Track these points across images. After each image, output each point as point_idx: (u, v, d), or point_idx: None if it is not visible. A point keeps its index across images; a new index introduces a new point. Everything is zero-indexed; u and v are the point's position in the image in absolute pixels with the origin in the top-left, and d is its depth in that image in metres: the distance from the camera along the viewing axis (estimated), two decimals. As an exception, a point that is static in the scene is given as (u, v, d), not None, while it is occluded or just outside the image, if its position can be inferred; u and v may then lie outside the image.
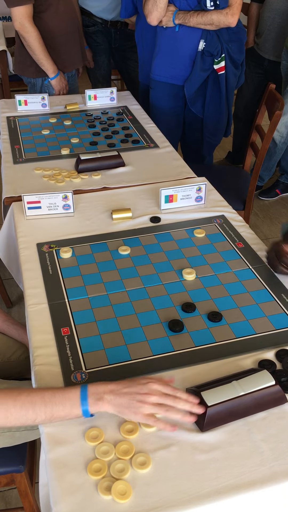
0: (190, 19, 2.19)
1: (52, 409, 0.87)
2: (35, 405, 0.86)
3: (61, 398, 0.87)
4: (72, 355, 1.08)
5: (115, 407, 0.88)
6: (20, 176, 1.81)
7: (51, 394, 0.88)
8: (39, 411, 0.86)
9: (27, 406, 0.86)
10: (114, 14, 2.93)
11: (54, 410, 0.87)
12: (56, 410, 0.87)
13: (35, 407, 0.86)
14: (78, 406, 0.87)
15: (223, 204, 1.64)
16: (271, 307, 1.21)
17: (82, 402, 0.87)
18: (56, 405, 0.87)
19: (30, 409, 0.86)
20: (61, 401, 0.87)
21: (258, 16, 3.12)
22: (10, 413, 0.86)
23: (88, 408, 0.88)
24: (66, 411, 0.87)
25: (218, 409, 0.91)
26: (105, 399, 0.88)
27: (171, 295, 1.25)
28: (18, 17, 2.27)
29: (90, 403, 0.88)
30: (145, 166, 1.88)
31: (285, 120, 2.93)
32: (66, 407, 0.87)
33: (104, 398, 0.88)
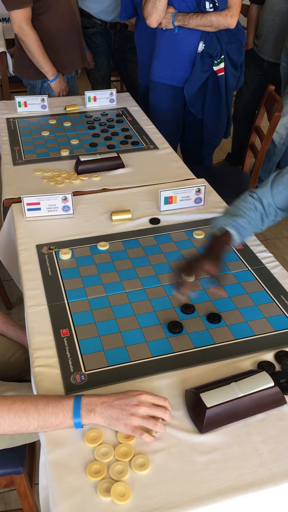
0: (190, 21, 2.19)
1: (45, 418, 0.88)
2: (29, 413, 0.87)
3: (54, 408, 0.89)
4: (72, 356, 1.08)
5: (106, 419, 0.90)
6: (20, 178, 1.81)
7: (45, 403, 0.89)
8: (32, 420, 0.88)
9: (20, 414, 0.87)
10: (113, 16, 2.93)
11: (47, 419, 0.88)
12: (49, 419, 0.88)
13: (28, 416, 0.87)
14: (71, 418, 0.89)
15: (222, 206, 1.64)
16: (270, 309, 1.21)
17: (75, 413, 0.89)
18: (49, 415, 0.88)
19: (23, 417, 0.87)
20: (54, 411, 0.89)
21: (257, 18, 3.13)
22: (4, 420, 0.87)
23: (80, 420, 0.90)
24: (58, 420, 0.89)
25: (217, 411, 0.91)
26: (96, 411, 0.90)
27: (170, 297, 1.25)
28: (17, 20, 2.27)
29: (82, 415, 0.90)
30: (145, 168, 1.88)
31: (285, 121, 2.93)
32: (59, 417, 0.89)
33: (95, 410, 0.90)
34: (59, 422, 0.89)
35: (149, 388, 1.01)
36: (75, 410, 0.89)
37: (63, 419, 0.89)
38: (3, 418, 0.87)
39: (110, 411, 0.90)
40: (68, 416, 0.89)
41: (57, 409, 0.89)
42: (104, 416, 0.90)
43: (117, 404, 0.90)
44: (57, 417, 0.89)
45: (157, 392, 1.00)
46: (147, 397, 0.92)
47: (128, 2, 2.60)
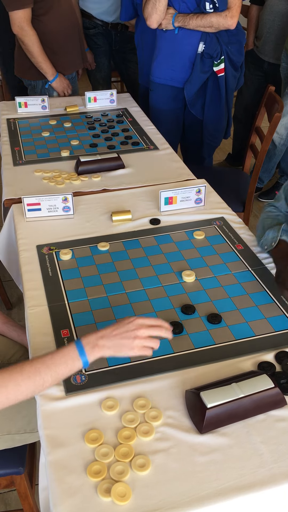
0: (190, 22, 2.20)
1: (56, 370, 0.92)
2: (40, 371, 0.91)
3: (61, 358, 0.93)
4: (72, 357, 1.08)
5: (111, 349, 0.95)
6: (20, 178, 1.81)
7: (50, 358, 0.93)
8: (45, 376, 0.91)
9: (34, 375, 0.90)
10: (114, 17, 2.94)
11: (58, 370, 0.92)
12: (60, 369, 0.92)
13: (41, 373, 0.91)
14: (78, 359, 0.93)
15: (222, 206, 1.64)
16: (271, 309, 1.21)
17: (81, 353, 0.93)
18: (58, 365, 0.92)
19: (37, 376, 0.90)
20: (61, 360, 0.93)
21: (257, 19, 3.13)
22: (21, 386, 0.90)
23: (87, 358, 0.94)
24: (68, 367, 0.93)
25: (217, 411, 0.91)
26: (99, 345, 0.95)
27: (170, 297, 1.25)
28: (17, 21, 2.27)
29: (87, 353, 0.94)
30: (145, 168, 1.88)
31: (285, 122, 2.94)
32: (68, 363, 0.93)
33: (98, 345, 0.95)
34: (69, 369, 0.93)
35: (150, 388, 1.01)
36: (79, 351, 0.93)
37: (72, 365, 0.93)
38: (19, 384, 0.89)
39: (113, 341, 0.95)
40: (76, 358, 0.93)
41: (63, 358, 0.93)
42: (108, 347, 0.95)
43: (117, 333, 0.96)
44: (66, 365, 0.93)
45: (157, 393, 1.00)
46: (142, 321, 0.98)
47: (128, 3, 2.60)
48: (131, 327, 0.96)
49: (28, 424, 1.21)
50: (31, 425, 1.21)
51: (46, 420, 0.95)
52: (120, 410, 0.97)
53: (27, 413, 1.22)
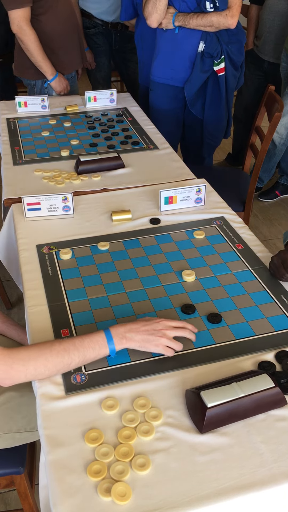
0: (190, 21, 2.20)
1: (84, 352, 0.98)
2: (69, 351, 0.97)
3: (89, 342, 0.99)
4: (72, 356, 1.08)
5: (138, 342, 1.02)
6: (20, 178, 1.81)
7: (80, 341, 0.99)
8: (73, 356, 0.97)
9: (62, 354, 0.96)
10: (114, 16, 2.94)
11: (86, 353, 0.98)
12: (87, 352, 0.98)
13: (70, 353, 0.97)
14: (106, 346, 1.00)
15: (222, 206, 1.64)
16: (271, 309, 1.21)
17: (109, 342, 1.00)
18: (87, 349, 0.98)
19: (65, 355, 0.96)
20: (90, 345, 0.99)
21: (257, 18, 3.13)
22: (49, 361, 0.95)
23: (115, 346, 1.01)
24: (96, 352, 0.99)
25: (217, 411, 0.91)
26: (127, 337, 1.02)
27: (170, 297, 1.25)
28: (16, 20, 2.27)
29: (116, 343, 1.01)
30: (145, 168, 1.88)
31: (285, 121, 2.94)
32: (95, 349, 0.99)
33: (126, 337, 1.01)
34: (96, 354, 0.99)
35: (150, 388, 1.01)
36: (108, 339, 1.00)
37: (99, 350, 0.99)
38: (47, 359, 0.95)
39: (141, 335, 1.02)
40: (104, 345, 1.00)
41: (92, 343, 0.99)
42: (135, 340, 1.02)
43: (145, 329, 1.03)
44: (94, 350, 0.99)
45: (158, 392, 1.00)
46: (169, 323, 1.06)
47: (128, 3, 2.60)
48: (158, 326, 1.04)
49: (28, 423, 1.21)
50: (31, 424, 1.21)
51: (46, 419, 0.95)
52: (120, 410, 0.97)
53: (27, 412, 1.22)
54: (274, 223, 3.12)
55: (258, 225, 3.09)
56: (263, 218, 3.17)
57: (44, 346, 0.96)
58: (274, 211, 3.25)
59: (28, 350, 0.96)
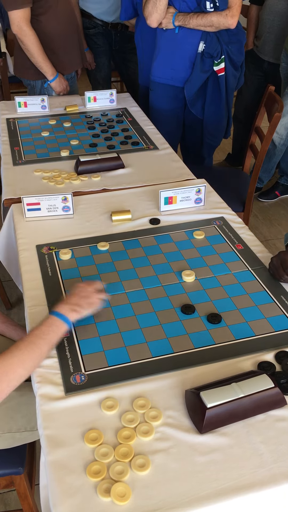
0: (190, 21, 2.20)
1: (48, 338, 1.03)
2: (35, 343, 1.01)
3: (47, 328, 1.05)
4: (72, 356, 1.08)
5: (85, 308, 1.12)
6: (20, 178, 1.81)
7: (38, 330, 1.04)
8: (40, 346, 1.01)
9: (31, 348, 1.00)
10: (114, 16, 2.94)
11: (49, 337, 1.03)
12: (51, 337, 1.04)
13: (37, 344, 1.01)
14: (62, 323, 1.07)
15: (222, 206, 1.64)
16: (271, 309, 1.21)
17: (62, 319, 1.07)
18: (48, 334, 1.04)
19: (34, 348, 1.00)
20: (49, 330, 1.04)
21: (257, 18, 3.13)
22: (24, 360, 0.98)
23: (69, 320, 1.08)
24: (57, 332, 1.05)
25: (217, 411, 0.91)
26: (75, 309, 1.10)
27: (170, 297, 1.25)
28: (16, 21, 2.27)
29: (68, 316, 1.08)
30: (145, 168, 1.88)
31: (285, 121, 2.94)
32: (55, 330, 1.05)
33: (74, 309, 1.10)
34: (58, 334, 1.05)
35: (149, 388, 1.01)
36: (60, 317, 1.07)
37: (59, 330, 1.05)
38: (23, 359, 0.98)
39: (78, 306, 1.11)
40: (60, 324, 1.06)
41: (50, 328, 1.05)
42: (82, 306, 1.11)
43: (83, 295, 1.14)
44: (54, 332, 1.04)
45: (157, 393, 1.00)
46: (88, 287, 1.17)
47: (128, 3, 2.60)
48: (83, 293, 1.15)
49: (28, 423, 1.21)
50: (31, 423, 1.21)
51: (46, 420, 0.95)
52: (119, 410, 0.97)
53: (27, 412, 1.22)
54: (274, 224, 3.11)
55: (258, 225, 3.09)
56: (263, 218, 3.17)
57: (11, 351, 0.99)
58: (274, 211, 3.25)
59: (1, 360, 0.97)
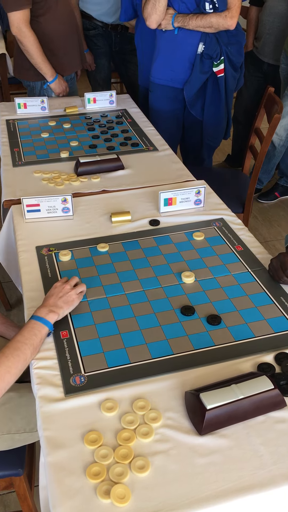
0: (189, 22, 2.20)
1: (31, 342, 1.05)
2: (20, 349, 1.03)
3: (28, 332, 1.07)
4: (71, 358, 1.08)
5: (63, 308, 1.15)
6: (19, 179, 1.81)
7: (20, 336, 1.06)
8: (24, 351, 1.03)
9: (16, 354, 1.02)
10: (114, 18, 2.94)
11: (32, 342, 1.06)
12: (33, 341, 1.06)
13: (21, 349, 1.03)
14: (43, 326, 1.09)
15: (222, 207, 1.64)
16: (270, 310, 1.21)
17: (43, 321, 1.09)
18: (30, 338, 1.06)
19: (19, 353, 1.02)
20: (30, 334, 1.06)
21: (257, 20, 3.13)
22: (10, 367, 1.00)
23: (49, 321, 1.11)
24: (39, 336, 1.07)
25: (217, 413, 0.91)
26: (53, 310, 1.13)
27: (170, 298, 1.25)
28: (15, 22, 2.27)
29: (47, 318, 1.11)
30: (144, 169, 1.88)
31: (284, 123, 2.94)
32: (37, 334, 1.07)
33: (52, 310, 1.12)
34: (40, 337, 1.08)
35: (149, 389, 1.01)
36: (40, 321, 1.09)
37: (40, 333, 1.08)
38: (8, 366, 0.99)
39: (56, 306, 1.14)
40: (41, 327, 1.08)
41: (32, 332, 1.07)
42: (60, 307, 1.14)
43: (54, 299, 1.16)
44: (36, 335, 1.07)
45: (157, 394, 1.00)
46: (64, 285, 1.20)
47: (128, 4, 2.60)
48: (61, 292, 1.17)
49: (27, 424, 1.21)
50: (31, 424, 1.21)
51: (46, 421, 0.95)
52: (119, 412, 0.97)
53: (26, 413, 1.22)
54: (274, 225, 3.12)
55: (258, 226, 3.09)
56: (263, 219, 3.17)
57: None
58: (273, 212, 3.25)
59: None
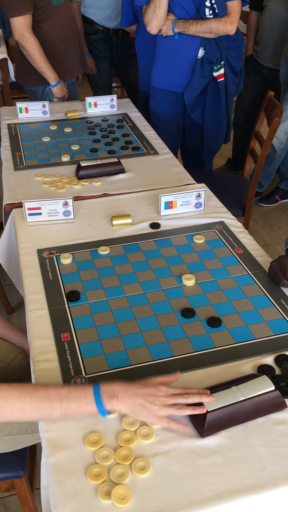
0: (190, 28, 2.21)
1: (68, 405, 0.89)
2: (51, 400, 0.88)
3: (76, 395, 0.90)
4: (72, 360, 1.09)
5: (129, 407, 0.90)
6: (21, 183, 1.82)
7: (67, 391, 0.90)
8: (55, 407, 0.88)
9: (43, 401, 0.88)
10: (116, 23, 2.96)
11: (69, 406, 0.89)
12: (71, 407, 0.89)
13: (51, 403, 0.88)
14: (93, 404, 0.89)
15: (222, 210, 1.65)
16: (270, 313, 1.21)
17: (97, 400, 0.89)
18: (71, 402, 0.89)
19: (46, 403, 0.88)
20: (76, 398, 0.89)
21: (257, 24, 3.15)
22: (27, 406, 0.88)
23: (104, 407, 0.90)
24: (81, 408, 0.89)
25: (217, 414, 0.91)
26: (119, 398, 0.90)
27: (170, 301, 1.26)
28: (17, 27, 2.29)
29: (104, 402, 0.89)
30: (145, 173, 1.89)
31: (284, 127, 2.95)
32: (81, 404, 0.89)
33: (118, 397, 0.90)
34: (82, 409, 0.90)
35: (150, 391, 1.01)
36: (95, 397, 0.89)
37: (85, 406, 0.89)
38: (26, 404, 0.88)
39: (134, 399, 0.90)
40: (91, 402, 0.89)
41: (79, 398, 0.89)
42: (126, 403, 0.90)
43: (140, 393, 0.90)
44: (79, 404, 0.89)
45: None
46: (168, 389, 0.93)
47: (128, 9, 2.62)
48: (155, 392, 0.91)
49: (29, 425, 1.22)
50: (32, 426, 1.21)
51: (47, 422, 0.95)
52: (120, 413, 0.97)
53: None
54: (274, 228, 3.12)
55: (258, 230, 3.10)
56: (263, 223, 3.18)
57: (27, 390, 0.89)
58: (274, 216, 3.26)
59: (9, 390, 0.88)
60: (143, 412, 0.89)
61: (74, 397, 0.89)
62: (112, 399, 0.89)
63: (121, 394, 0.90)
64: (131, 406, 0.90)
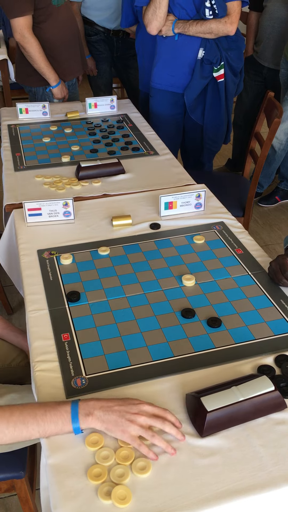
0: (190, 28, 2.22)
1: (45, 427, 0.89)
2: (28, 425, 0.88)
3: (52, 416, 0.89)
4: (72, 360, 1.09)
5: (103, 423, 0.89)
6: (21, 184, 1.82)
7: (43, 413, 0.89)
8: (32, 430, 0.88)
9: (20, 427, 0.88)
10: (116, 23, 2.97)
11: (47, 428, 0.89)
12: (48, 428, 0.89)
13: (28, 427, 0.88)
14: (69, 423, 0.89)
15: (222, 211, 1.65)
16: (270, 313, 1.21)
17: (73, 419, 0.89)
18: (48, 423, 0.89)
19: (23, 429, 0.88)
20: (52, 419, 0.89)
21: (257, 25, 3.15)
22: (5, 434, 0.88)
23: (79, 425, 0.89)
24: (58, 428, 0.89)
25: (217, 415, 0.92)
26: (94, 415, 0.89)
27: (170, 301, 1.26)
28: (18, 28, 2.29)
29: (80, 420, 0.89)
30: (145, 173, 1.89)
31: (284, 127, 2.95)
32: (58, 424, 0.89)
33: (93, 414, 0.89)
34: (59, 429, 0.89)
35: (150, 392, 1.01)
36: (72, 416, 0.89)
37: (62, 426, 0.89)
38: (3, 432, 0.88)
39: (109, 415, 0.89)
40: (67, 422, 0.89)
41: (55, 417, 0.89)
42: (102, 420, 0.89)
43: (117, 410, 0.90)
44: (56, 425, 0.89)
45: (157, 396, 1.00)
46: (148, 408, 0.91)
47: (128, 10, 2.62)
48: (132, 410, 0.89)
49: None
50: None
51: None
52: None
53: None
54: (274, 228, 3.12)
55: (258, 230, 3.10)
56: (263, 223, 3.18)
57: (2, 417, 0.87)
58: (274, 216, 3.26)
59: None
60: (117, 429, 0.88)
61: (50, 418, 0.89)
62: (87, 416, 0.89)
63: (96, 410, 0.89)
64: (105, 422, 0.89)
